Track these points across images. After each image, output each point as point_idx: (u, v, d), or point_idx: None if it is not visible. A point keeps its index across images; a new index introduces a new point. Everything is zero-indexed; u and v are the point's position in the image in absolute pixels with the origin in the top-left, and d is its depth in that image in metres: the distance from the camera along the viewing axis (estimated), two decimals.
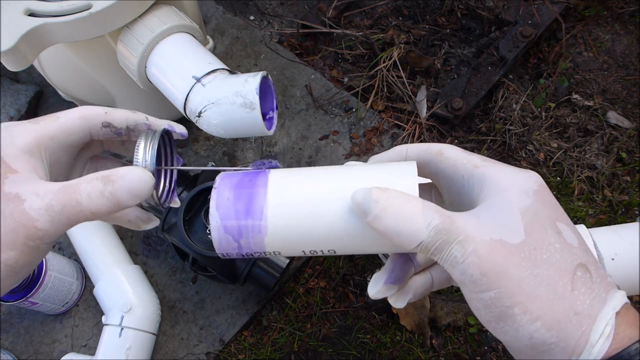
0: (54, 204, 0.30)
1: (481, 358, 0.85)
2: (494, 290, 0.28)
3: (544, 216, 0.29)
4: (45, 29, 0.58)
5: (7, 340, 0.86)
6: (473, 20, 1.13)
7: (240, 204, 0.33)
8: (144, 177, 0.32)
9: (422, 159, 0.35)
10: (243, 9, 1.18)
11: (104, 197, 0.31)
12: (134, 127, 0.36)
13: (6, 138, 0.32)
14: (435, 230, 0.29)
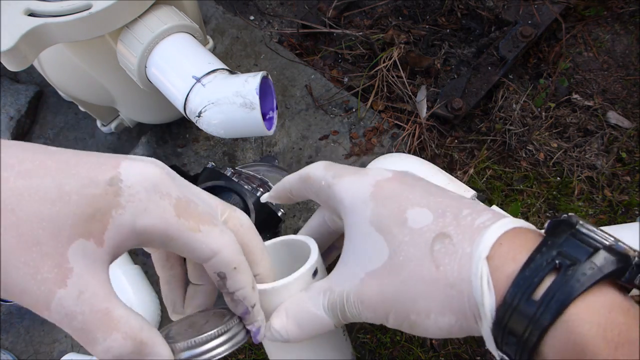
0: (78, 319, 0.25)
1: (481, 358, 0.85)
2: (390, 313, 0.29)
3: (388, 216, 0.29)
4: (45, 29, 0.58)
5: (7, 340, 0.86)
6: (473, 20, 1.13)
7: None
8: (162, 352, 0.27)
9: (299, 187, 0.35)
10: (243, 9, 1.18)
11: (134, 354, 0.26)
12: (237, 300, 0.31)
13: (138, 206, 0.27)
14: (332, 314, 0.31)
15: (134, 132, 1.03)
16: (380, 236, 0.29)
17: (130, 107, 0.90)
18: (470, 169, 0.96)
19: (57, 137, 1.05)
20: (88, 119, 1.05)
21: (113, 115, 0.98)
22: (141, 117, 0.93)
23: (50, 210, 0.23)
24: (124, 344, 0.25)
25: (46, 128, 1.06)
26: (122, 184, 0.26)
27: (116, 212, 0.25)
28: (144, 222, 0.27)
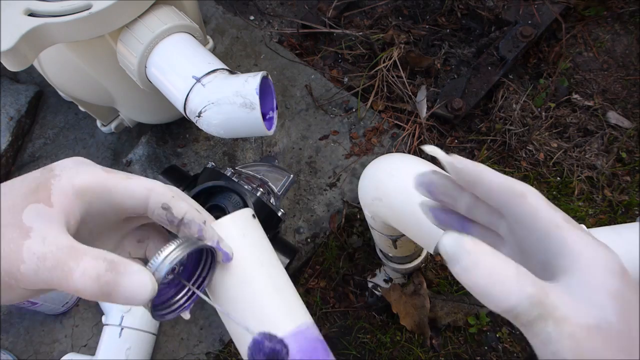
0: (49, 257, 0.28)
1: (481, 358, 0.85)
2: None
3: (633, 300, 0.29)
4: (45, 29, 0.58)
5: (7, 340, 0.86)
6: (473, 20, 1.13)
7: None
8: (146, 286, 0.29)
9: (497, 193, 0.32)
10: (243, 9, 1.18)
11: (97, 283, 0.28)
12: (188, 222, 0.34)
13: (71, 170, 0.32)
14: (530, 301, 0.27)
15: (134, 132, 1.03)
16: (614, 309, 0.28)
17: (130, 107, 0.90)
18: None
19: (57, 137, 1.05)
20: (88, 119, 1.05)
21: (113, 116, 0.98)
22: (141, 117, 0.93)
23: (3, 198, 0.30)
24: (96, 264, 0.28)
25: (46, 128, 1.06)
26: (55, 166, 0.33)
27: (54, 180, 0.31)
28: (79, 180, 0.32)
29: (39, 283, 0.28)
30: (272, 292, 0.36)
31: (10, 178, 0.33)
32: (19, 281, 0.28)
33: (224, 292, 0.36)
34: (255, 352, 0.32)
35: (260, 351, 0.32)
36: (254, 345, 0.32)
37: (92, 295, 0.28)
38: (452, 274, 0.91)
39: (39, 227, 0.29)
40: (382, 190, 0.59)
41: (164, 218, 0.34)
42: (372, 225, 0.68)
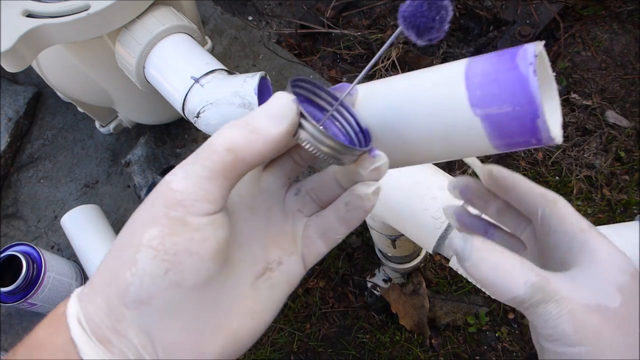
0: (189, 158, 0.24)
1: (480, 357, 0.85)
2: (585, 346, 0.28)
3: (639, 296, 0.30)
4: (43, 30, 0.58)
5: (6, 342, 0.86)
6: (471, 20, 1.13)
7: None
8: (279, 95, 0.25)
9: (530, 198, 0.35)
10: (241, 10, 1.18)
11: (236, 126, 0.24)
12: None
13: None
14: (533, 288, 0.29)
15: (133, 132, 1.03)
16: (618, 296, 0.30)
17: (128, 107, 0.90)
18: (469, 169, 0.96)
19: (55, 138, 1.05)
20: (87, 119, 1.05)
21: (112, 116, 0.98)
22: (140, 117, 0.93)
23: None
24: (238, 130, 0.24)
25: (45, 129, 1.06)
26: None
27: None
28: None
29: (198, 185, 0.24)
30: None
31: (9, 179, 0.32)
32: (182, 202, 0.24)
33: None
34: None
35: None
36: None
37: (246, 140, 0.24)
38: (451, 274, 0.92)
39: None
40: (382, 190, 0.59)
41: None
42: (371, 225, 0.68)
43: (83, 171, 1.01)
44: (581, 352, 0.29)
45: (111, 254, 0.25)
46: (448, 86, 0.29)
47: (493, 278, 0.30)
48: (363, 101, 0.31)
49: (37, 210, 0.98)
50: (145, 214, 0.24)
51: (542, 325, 0.30)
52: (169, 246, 0.23)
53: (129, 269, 0.23)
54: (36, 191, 1.00)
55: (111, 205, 0.97)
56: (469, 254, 0.30)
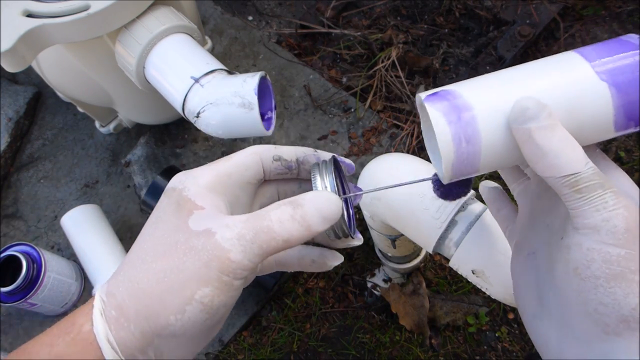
0: (245, 232, 0.29)
1: (480, 357, 0.85)
2: (627, 249, 0.27)
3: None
4: (43, 30, 0.58)
5: (6, 342, 0.86)
6: (471, 20, 1.13)
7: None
8: (332, 198, 0.30)
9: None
10: (241, 10, 1.18)
11: (295, 221, 0.29)
12: (303, 159, 0.36)
13: (188, 179, 0.32)
14: (594, 171, 0.28)
15: (133, 132, 1.03)
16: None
17: (128, 108, 0.90)
18: None
19: (55, 138, 1.05)
20: (87, 119, 1.05)
21: (112, 116, 0.98)
22: (140, 117, 0.93)
23: (159, 232, 0.31)
24: (283, 208, 0.30)
25: (45, 129, 1.06)
26: (173, 184, 0.33)
27: (184, 192, 0.32)
28: (202, 181, 0.32)
29: (252, 260, 0.29)
30: None
31: (9, 179, 0.33)
32: (235, 271, 0.29)
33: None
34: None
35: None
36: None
37: (299, 235, 0.29)
38: (451, 274, 0.91)
39: (214, 223, 0.29)
40: (381, 190, 0.59)
41: (282, 168, 0.35)
42: (371, 225, 0.68)
43: (83, 171, 1.01)
44: (620, 255, 0.27)
45: (150, 291, 0.28)
46: (567, 62, 0.31)
47: (558, 148, 0.28)
48: (476, 92, 0.31)
49: (37, 210, 0.98)
50: (199, 272, 0.28)
51: (589, 215, 0.28)
52: (216, 303, 0.29)
53: (174, 315, 0.28)
54: (36, 191, 1.00)
55: (111, 205, 0.97)
56: (538, 114, 0.29)
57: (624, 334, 0.28)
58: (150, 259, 0.29)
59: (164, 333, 0.28)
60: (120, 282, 0.29)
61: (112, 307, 0.29)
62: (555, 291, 0.31)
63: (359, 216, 0.93)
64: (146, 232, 0.31)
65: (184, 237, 0.29)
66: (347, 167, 0.37)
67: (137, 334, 0.28)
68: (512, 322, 0.87)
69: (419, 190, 0.56)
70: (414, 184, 0.36)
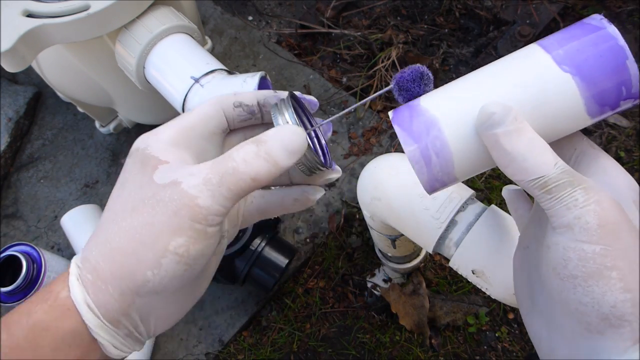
0: (211, 176, 0.28)
1: (480, 357, 0.85)
2: (602, 245, 0.27)
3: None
4: (43, 30, 0.58)
5: None
6: (471, 20, 1.13)
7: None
8: (294, 129, 0.29)
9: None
10: (241, 10, 1.18)
11: (260, 157, 0.28)
12: (263, 101, 0.35)
13: (150, 137, 0.31)
14: (562, 170, 0.28)
15: (133, 132, 1.03)
16: (634, 207, 0.30)
17: (128, 108, 0.90)
18: None
19: (55, 138, 1.05)
20: (87, 119, 1.05)
21: (112, 116, 0.98)
22: (140, 117, 0.93)
23: (128, 194, 0.30)
24: (246, 148, 0.29)
25: (45, 129, 1.06)
26: (136, 146, 0.32)
27: (147, 150, 0.31)
28: (164, 137, 0.32)
29: (222, 203, 0.28)
30: None
31: (9, 179, 0.33)
32: (207, 218, 0.28)
33: None
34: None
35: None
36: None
37: (267, 171, 0.28)
38: (451, 274, 0.91)
39: (179, 173, 0.29)
40: (381, 190, 0.59)
41: (244, 114, 0.34)
42: (371, 225, 0.68)
43: (83, 171, 1.01)
44: (595, 252, 0.27)
45: (122, 249, 0.28)
46: (528, 57, 0.30)
47: (525, 151, 0.28)
48: (444, 105, 0.32)
49: (37, 210, 0.98)
50: (169, 222, 0.27)
51: (562, 214, 0.28)
52: (192, 253, 0.28)
53: (150, 269, 0.27)
54: (36, 191, 1.00)
55: None
56: (504, 119, 0.29)
57: (607, 332, 0.27)
58: (119, 218, 0.28)
59: (143, 291, 0.28)
60: (93, 245, 0.29)
61: (88, 271, 0.28)
62: (541, 288, 0.31)
63: (359, 216, 0.93)
64: (114, 195, 0.30)
65: (150, 191, 0.28)
66: (309, 102, 0.36)
67: (116, 296, 0.28)
68: (512, 322, 0.87)
69: (419, 191, 0.56)
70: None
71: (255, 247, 0.78)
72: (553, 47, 0.30)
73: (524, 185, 0.29)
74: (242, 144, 0.29)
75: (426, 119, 0.31)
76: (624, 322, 0.27)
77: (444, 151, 0.31)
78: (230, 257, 0.76)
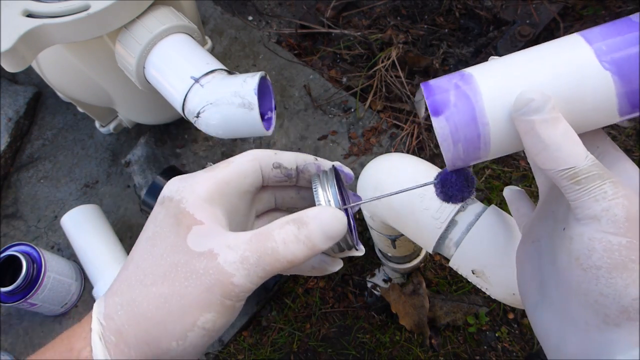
0: (249, 255, 0.27)
1: (480, 357, 0.85)
2: (629, 238, 0.27)
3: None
4: (43, 30, 0.58)
5: (6, 342, 0.86)
6: (471, 20, 1.13)
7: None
8: (337, 215, 0.29)
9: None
10: (241, 10, 1.18)
11: (300, 242, 0.28)
12: (303, 167, 0.34)
13: (186, 188, 0.30)
14: (593, 162, 0.28)
15: (133, 132, 1.03)
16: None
17: (128, 108, 0.90)
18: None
19: (55, 138, 1.05)
20: (87, 119, 1.05)
21: (112, 116, 0.98)
22: (140, 117, 0.93)
23: (158, 251, 0.29)
24: (286, 227, 0.28)
25: (45, 129, 1.06)
26: (169, 194, 0.31)
27: (181, 204, 0.30)
28: (200, 190, 0.31)
29: (254, 282, 0.28)
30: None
31: (9, 179, 0.32)
32: (238, 295, 0.28)
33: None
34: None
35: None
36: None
37: (304, 255, 0.28)
38: (451, 274, 0.91)
39: (215, 242, 0.28)
40: (381, 190, 0.59)
41: (281, 176, 0.34)
42: (371, 225, 0.68)
43: (83, 171, 1.01)
44: (621, 244, 0.27)
45: (150, 318, 0.28)
46: (570, 48, 0.30)
47: (560, 141, 0.28)
48: (485, 79, 0.32)
49: (37, 210, 0.98)
50: (201, 297, 0.27)
51: (589, 205, 0.28)
52: (217, 327, 0.28)
53: (175, 341, 0.28)
54: (36, 191, 1.00)
55: (111, 205, 0.97)
56: (543, 107, 0.29)
57: (624, 324, 0.28)
58: (149, 281, 0.28)
59: (164, 357, 0.28)
60: (118, 304, 0.28)
61: (111, 332, 0.28)
62: (556, 281, 0.31)
63: (359, 216, 0.93)
64: (143, 249, 0.30)
65: (184, 258, 0.28)
66: (346, 176, 0.36)
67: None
68: (512, 322, 0.87)
69: (418, 191, 0.56)
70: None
71: None
72: (596, 41, 0.30)
73: (552, 174, 0.29)
74: (282, 222, 0.29)
75: (472, 87, 0.32)
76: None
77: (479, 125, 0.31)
78: None
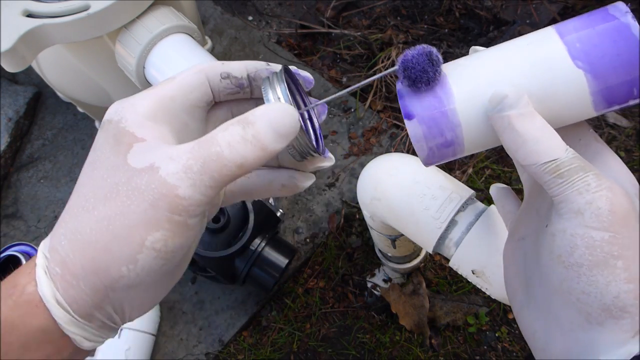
0: (192, 163, 0.25)
1: (480, 357, 0.85)
2: (611, 233, 0.27)
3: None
4: (43, 30, 0.58)
5: None
6: (471, 20, 1.13)
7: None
8: (285, 109, 0.26)
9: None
10: (241, 10, 1.18)
11: (247, 142, 0.25)
12: (255, 74, 0.31)
13: (126, 107, 0.28)
14: (574, 155, 0.28)
15: None
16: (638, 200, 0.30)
17: None
18: (469, 169, 0.96)
19: (55, 138, 1.05)
20: (87, 119, 1.05)
21: None
22: None
23: (95, 170, 0.27)
24: (230, 130, 0.26)
25: (45, 129, 1.06)
26: (109, 116, 0.29)
27: (121, 123, 0.28)
28: (141, 108, 0.29)
29: (204, 193, 0.25)
30: None
31: (9, 180, 0.32)
32: (187, 209, 0.25)
33: None
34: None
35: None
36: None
37: (254, 157, 0.26)
38: (451, 274, 0.91)
39: (156, 156, 0.26)
40: (381, 190, 0.59)
41: (232, 86, 0.31)
42: (371, 225, 0.68)
43: None
44: (603, 239, 0.27)
45: (94, 243, 0.25)
46: (543, 45, 0.30)
47: (538, 134, 0.28)
48: (457, 79, 0.31)
49: (37, 210, 0.98)
50: (146, 215, 0.25)
51: (572, 199, 0.28)
52: (170, 247, 0.26)
53: (125, 265, 0.25)
54: (36, 191, 1.00)
55: None
56: (517, 102, 0.28)
57: (606, 323, 0.27)
58: (90, 205, 0.26)
59: (117, 286, 0.26)
60: (61, 234, 0.26)
61: (56, 264, 0.26)
62: (540, 279, 0.31)
63: (359, 216, 0.93)
64: (83, 176, 0.27)
65: (125, 176, 0.25)
66: (304, 79, 0.33)
67: (88, 291, 0.26)
68: (512, 322, 0.87)
69: (418, 191, 0.56)
70: None
71: (255, 247, 0.78)
72: (570, 36, 0.29)
73: (533, 170, 0.28)
74: (227, 124, 0.26)
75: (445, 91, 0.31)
76: (625, 313, 0.27)
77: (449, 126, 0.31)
78: (230, 257, 0.76)
